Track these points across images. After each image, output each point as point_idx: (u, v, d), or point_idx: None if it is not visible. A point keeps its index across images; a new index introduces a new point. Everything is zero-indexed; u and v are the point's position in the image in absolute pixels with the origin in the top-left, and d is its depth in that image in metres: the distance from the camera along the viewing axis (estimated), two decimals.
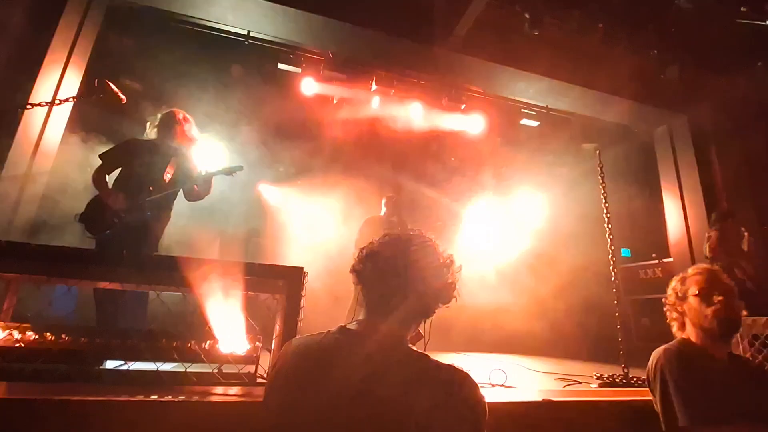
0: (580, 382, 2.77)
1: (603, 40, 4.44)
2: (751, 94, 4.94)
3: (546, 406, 1.87)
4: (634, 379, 2.73)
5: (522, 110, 6.30)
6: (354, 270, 1.15)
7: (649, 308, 6.11)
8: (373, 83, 5.67)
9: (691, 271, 1.78)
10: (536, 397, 1.95)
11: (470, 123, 6.38)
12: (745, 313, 1.70)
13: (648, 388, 1.71)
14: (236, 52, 5.14)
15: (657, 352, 1.69)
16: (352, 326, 1.06)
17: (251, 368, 1.78)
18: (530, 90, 5.61)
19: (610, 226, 3.28)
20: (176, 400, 1.41)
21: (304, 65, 5.42)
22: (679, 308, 1.75)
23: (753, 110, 5.09)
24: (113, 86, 2.75)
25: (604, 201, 3.34)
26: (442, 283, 1.13)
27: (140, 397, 1.39)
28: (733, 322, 1.65)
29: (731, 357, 1.70)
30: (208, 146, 3.45)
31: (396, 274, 1.07)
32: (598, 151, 3.42)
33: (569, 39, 4.53)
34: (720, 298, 1.64)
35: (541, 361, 4.13)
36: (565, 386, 2.68)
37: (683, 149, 5.84)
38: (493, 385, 2.37)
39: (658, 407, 1.61)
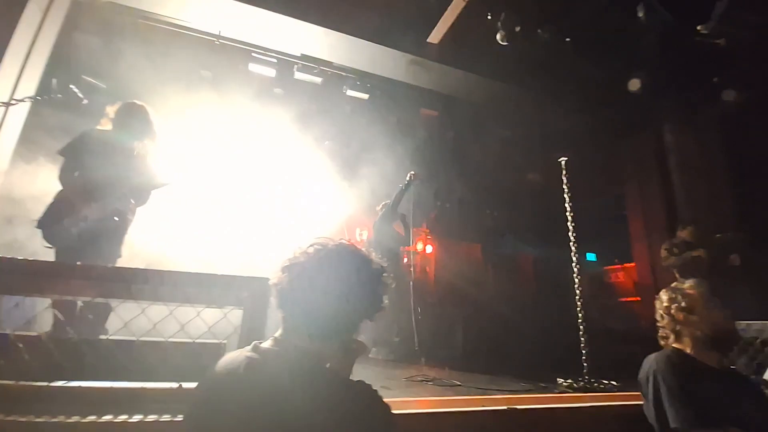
0: (545, 386, 2.82)
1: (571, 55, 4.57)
2: (709, 109, 5.20)
3: (511, 414, 1.88)
4: (596, 383, 2.80)
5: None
6: (273, 284, 1.04)
7: (614, 312, 6.31)
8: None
9: (688, 283, 1.84)
10: (501, 405, 1.96)
11: None
12: None
13: (629, 392, 1.76)
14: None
15: (649, 359, 1.77)
16: (266, 344, 0.99)
17: None
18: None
19: (575, 234, 3.41)
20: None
21: (277, 67, 5.37)
22: (676, 319, 1.79)
23: (711, 125, 5.36)
24: (74, 87, 2.63)
25: (569, 210, 3.46)
26: (369, 297, 1.04)
27: (92, 418, 1.33)
28: (731, 335, 1.75)
29: (724, 368, 1.77)
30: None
31: (317, 287, 1.00)
32: (564, 161, 3.54)
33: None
34: (719, 312, 1.73)
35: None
36: (528, 392, 2.72)
37: (647, 161, 6.11)
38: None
39: (650, 411, 1.68)
